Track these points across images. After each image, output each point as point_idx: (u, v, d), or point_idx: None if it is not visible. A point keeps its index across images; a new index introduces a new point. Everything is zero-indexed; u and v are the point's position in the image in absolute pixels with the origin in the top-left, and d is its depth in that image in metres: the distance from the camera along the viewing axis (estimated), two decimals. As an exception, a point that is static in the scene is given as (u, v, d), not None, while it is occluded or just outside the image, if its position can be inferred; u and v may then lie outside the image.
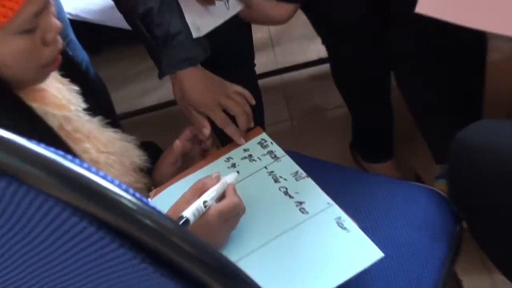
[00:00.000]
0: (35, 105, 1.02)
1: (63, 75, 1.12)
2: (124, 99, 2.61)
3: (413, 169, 1.93)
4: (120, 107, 2.26)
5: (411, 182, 1.31)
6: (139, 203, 0.47)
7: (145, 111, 2.54)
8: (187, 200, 1.02)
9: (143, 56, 2.77)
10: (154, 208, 0.47)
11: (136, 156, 1.19)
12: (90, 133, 1.11)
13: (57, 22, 0.99)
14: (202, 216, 0.99)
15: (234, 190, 1.07)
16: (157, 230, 0.47)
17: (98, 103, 1.20)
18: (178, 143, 1.26)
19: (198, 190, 1.04)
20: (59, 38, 1.02)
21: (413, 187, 1.25)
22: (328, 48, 1.79)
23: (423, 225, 1.15)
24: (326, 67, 2.14)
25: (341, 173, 1.30)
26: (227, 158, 1.26)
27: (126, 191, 0.47)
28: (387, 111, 1.88)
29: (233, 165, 1.24)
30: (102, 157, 1.10)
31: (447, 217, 1.18)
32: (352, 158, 2.04)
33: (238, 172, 1.18)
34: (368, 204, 1.20)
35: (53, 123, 1.04)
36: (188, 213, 0.97)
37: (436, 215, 1.18)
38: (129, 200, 0.46)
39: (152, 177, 1.25)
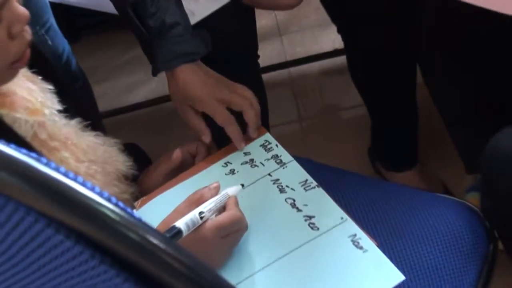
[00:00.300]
0: (3, 112, 1.01)
1: (36, 72, 1.11)
2: (106, 95, 2.62)
3: (440, 180, 1.93)
4: (102, 104, 2.27)
5: (438, 193, 1.31)
6: (122, 213, 0.47)
7: (131, 108, 2.56)
8: (181, 214, 1.02)
9: (129, 45, 2.80)
10: (139, 220, 0.48)
11: (121, 163, 1.19)
12: (67, 140, 1.10)
13: (23, 11, 0.96)
14: (197, 229, 1.00)
15: (236, 204, 1.08)
16: (142, 244, 0.47)
17: (77, 101, 1.20)
18: (179, 154, 1.26)
19: (195, 202, 1.05)
20: (27, 28, 1.01)
21: (440, 199, 1.26)
22: (344, 38, 1.80)
23: (451, 244, 1.16)
24: (341, 59, 2.16)
25: (357, 182, 1.31)
26: (225, 163, 1.26)
27: (108, 199, 0.48)
28: (411, 111, 1.89)
29: (232, 172, 1.25)
30: (83, 167, 1.10)
31: (479, 235, 1.19)
32: (370, 166, 2.05)
33: (242, 185, 1.18)
34: (388, 219, 1.21)
35: (25, 131, 1.03)
36: (181, 223, 0.98)
37: (466, 233, 1.18)
38: (111, 210, 0.47)
39: (139, 186, 1.26)
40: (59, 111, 1.11)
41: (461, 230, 1.18)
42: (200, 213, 1.01)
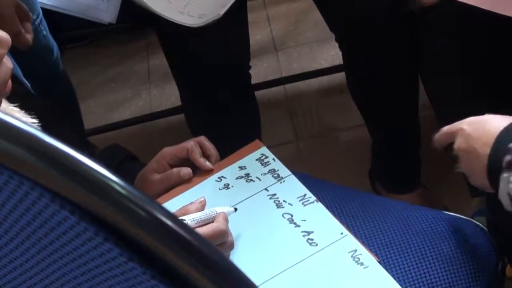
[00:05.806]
0: None
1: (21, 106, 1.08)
2: (90, 113, 2.62)
3: (443, 204, 1.95)
4: (85, 122, 2.28)
5: (444, 211, 1.33)
6: (129, 187, 0.49)
7: (115, 126, 2.56)
8: None
9: (113, 61, 2.81)
10: (147, 196, 0.50)
11: None
12: None
13: (5, 35, 0.92)
14: None
15: (225, 219, 1.10)
16: (148, 220, 0.49)
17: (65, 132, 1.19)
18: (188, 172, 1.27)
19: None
20: (8, 58, 0.96)
21: (445, 216, 1.28)
22: (343, 48, 1.81)
23: (457, 262, 1.18)
24: (340, 76, 2.17)
25: (358, 198, 1.33)
26: (219, 178, 1.28)
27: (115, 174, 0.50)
28: (414, 131, 1.90)
29: (226, 186, 1.26)
30: None
31: (486, 253, 1.21)
32: (370, 189, 2.06)
33: (235, 209, 1.19)
34: (390, 235, 1.22)
35: None
36: None
37: (473, 250, 1.20)
38: (118, 184, 0.49)
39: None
40: None
41: (467, 248, 1.20)
42: (182, 220, 1.04)
